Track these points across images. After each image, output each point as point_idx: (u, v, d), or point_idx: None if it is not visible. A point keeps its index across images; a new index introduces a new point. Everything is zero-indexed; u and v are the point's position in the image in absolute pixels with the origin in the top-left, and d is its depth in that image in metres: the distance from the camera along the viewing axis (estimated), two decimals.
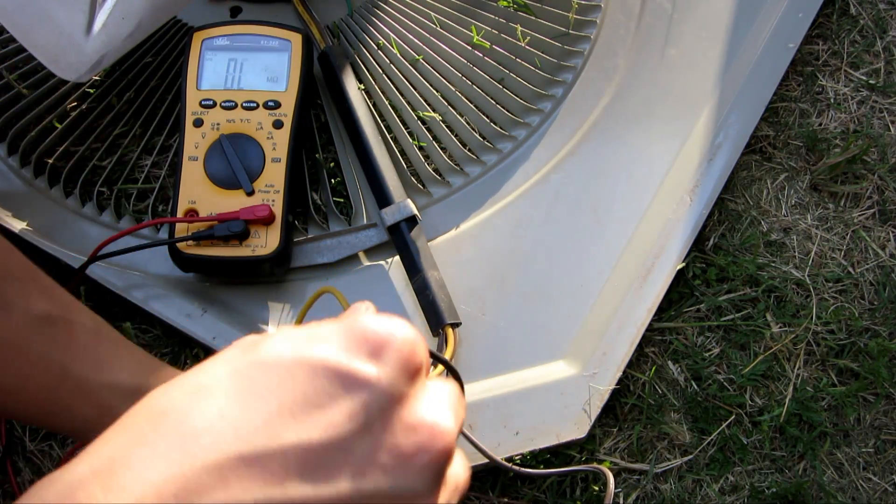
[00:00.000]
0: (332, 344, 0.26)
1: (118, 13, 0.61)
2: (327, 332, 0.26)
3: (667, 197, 0.70)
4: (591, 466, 0.61)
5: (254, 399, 0.24)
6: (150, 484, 0.22)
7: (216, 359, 0.26)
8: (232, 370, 0.25)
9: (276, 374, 0.25)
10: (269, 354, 0.25)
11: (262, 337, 0.27)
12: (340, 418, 0.24)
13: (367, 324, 0.26)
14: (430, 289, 0.63)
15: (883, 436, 0.66)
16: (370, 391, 0.25)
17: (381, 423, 0.25)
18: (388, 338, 0.26)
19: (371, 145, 0.68)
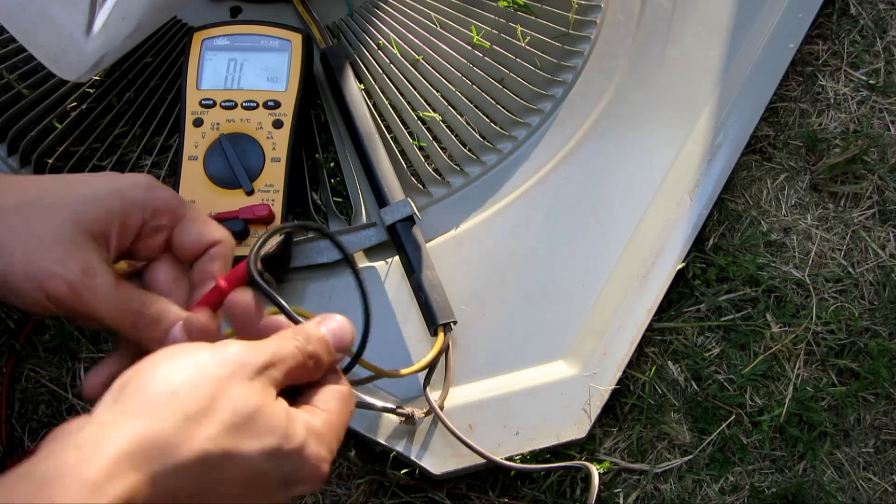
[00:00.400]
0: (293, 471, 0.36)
1: (118, 13, 0.61)
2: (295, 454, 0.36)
3: (667, 197, 0.70)
4: (576, 463, 0.61)
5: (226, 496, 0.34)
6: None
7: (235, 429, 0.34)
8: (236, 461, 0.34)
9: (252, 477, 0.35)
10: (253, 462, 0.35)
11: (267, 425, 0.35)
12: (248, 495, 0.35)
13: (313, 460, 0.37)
14: (423, 289, 0.63)
15: (883, 436, 0.66)
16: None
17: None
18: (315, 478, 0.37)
19: (371, 145, 0.68)
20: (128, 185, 0.42)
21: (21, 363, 0.65)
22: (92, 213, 0.40)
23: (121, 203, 0.41)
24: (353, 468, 0.63)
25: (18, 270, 0.39)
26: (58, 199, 0.41)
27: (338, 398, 0.39)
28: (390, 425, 0.62)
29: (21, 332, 0.65)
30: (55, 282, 0.39)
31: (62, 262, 0.39)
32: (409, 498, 0.62)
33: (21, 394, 0.64)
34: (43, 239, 0.39)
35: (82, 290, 0.39)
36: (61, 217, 0.40)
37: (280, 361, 0.37)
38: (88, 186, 0.41)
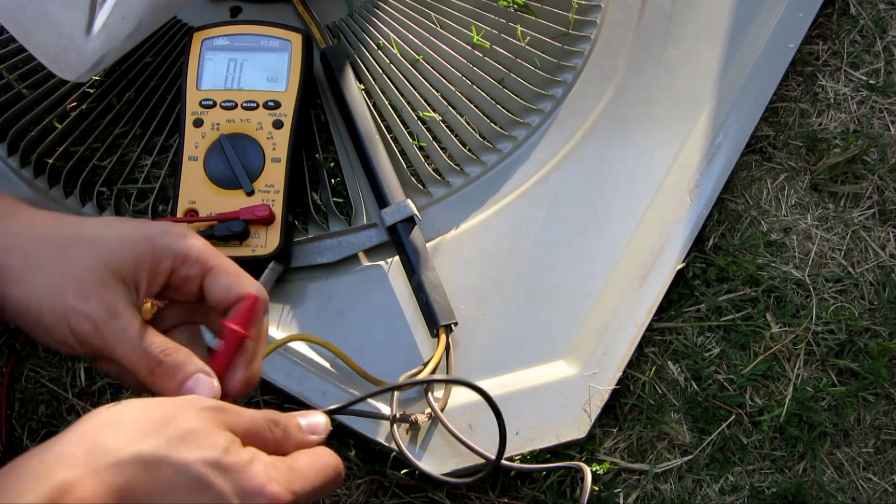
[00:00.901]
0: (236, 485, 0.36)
1: (118, 13, 0.61)
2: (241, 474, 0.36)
3: (667, 197, 0.70)
4: (570, 463, 0.61)
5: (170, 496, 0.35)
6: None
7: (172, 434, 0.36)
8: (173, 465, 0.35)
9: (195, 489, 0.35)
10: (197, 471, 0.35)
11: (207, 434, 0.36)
12: None
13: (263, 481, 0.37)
14: (424, 290, 0.63)
15: (883, 436, 0.66)
16: None
17: None
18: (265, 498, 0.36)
19: (371, 145, 0.68)
20: (160, 231, 0.43)
21: (21, 363, 0.65)
22: (122, 255, 0.42)
23: (151, 248, 0.42)
24: (353, 468, 0.63)
25: (46, 305, 0.40)
26: (91, 239, 0.42)
27: (310, 456, 0.41)
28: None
29: (21, 332, 0.65)
30: (79, 318, 0.40)
31: (88, 300, 0.40)
32: (409, 498, 0.62)
33: (21, 394, 0.64)
34: (73, 276, 0.41)
35: (104, 329, 0.40)
36: (92, 257, 0.41)
37: (236, 412, 0.39)
38: (122, 230, 0.43)
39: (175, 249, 0.42)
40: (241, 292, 0.43)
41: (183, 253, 0.43)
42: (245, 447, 0.38)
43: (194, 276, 0.43)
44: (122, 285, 0.41)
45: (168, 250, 0.42)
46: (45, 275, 0.41)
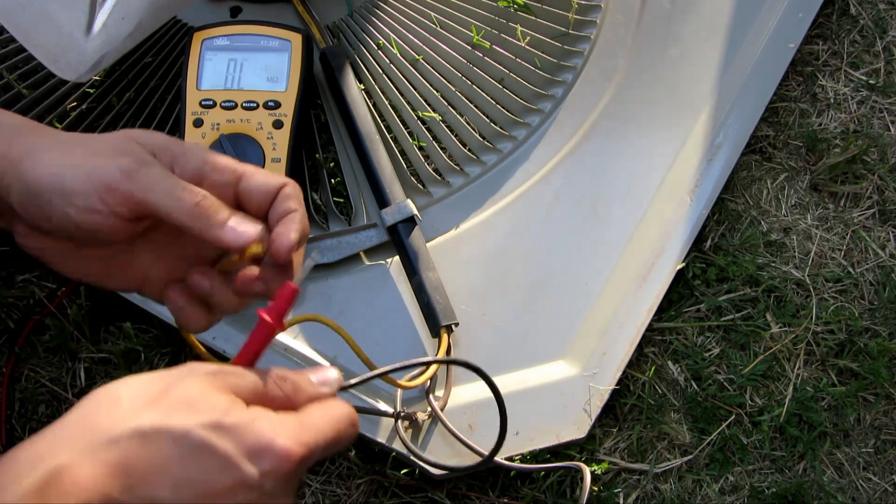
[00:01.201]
0: (240, 444, 0.35)
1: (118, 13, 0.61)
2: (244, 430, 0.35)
3: (667, 197, 0.70)
4: (569, 463, 0.61)
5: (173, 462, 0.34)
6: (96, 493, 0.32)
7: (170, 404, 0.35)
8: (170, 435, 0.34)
9: (192, 450, 0.34)
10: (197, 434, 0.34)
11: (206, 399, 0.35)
12: (222, 499, 0.34)
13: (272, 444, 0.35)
14: (425, 291, 0.63)
15: (883, 436, 0.66)
16: (249, 489, 0.35)
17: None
18: (280, 455, 0.35)
19: (371, 145, 0.68)
20: (190, 144, 0.42)
21: (21, 363, 0.65)
22: (148, 137, 0.41)
23: (180, 145, 0.42)
24: (353, 468, 0.63)
25: (70, 171, 0.39)
26: (120, 132, 0.42)
27: (321, 409, 0.39)
28: (390, 425, 0.62)
29: (21, 332, 0.65)
30: (110, 171, 0.39)
31: (118, 157, 0.40)
32: (409, 498, 0.62)
33: (21, 394, 0.64)
34: (98, 146, 0.40)
35: (138, 174, 0.39)
36: (119, 136, 0.41)
37: (239, 374, 0.38)
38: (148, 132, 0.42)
39: (204, 154, 0.42)
40: (279, 182, 0.42)
41: (210, 162, 0.42)
42: (250, 407, 0.37)
43: (228, 182, 0.42)
44: (148, 151, 0.41)
45: (196, 151, 0.42)
46: (69, 148, 0.40)
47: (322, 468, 0.63)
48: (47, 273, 0.67)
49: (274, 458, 0.35)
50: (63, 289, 0.65)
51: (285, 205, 0.43)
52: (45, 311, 0.65)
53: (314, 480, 0.63)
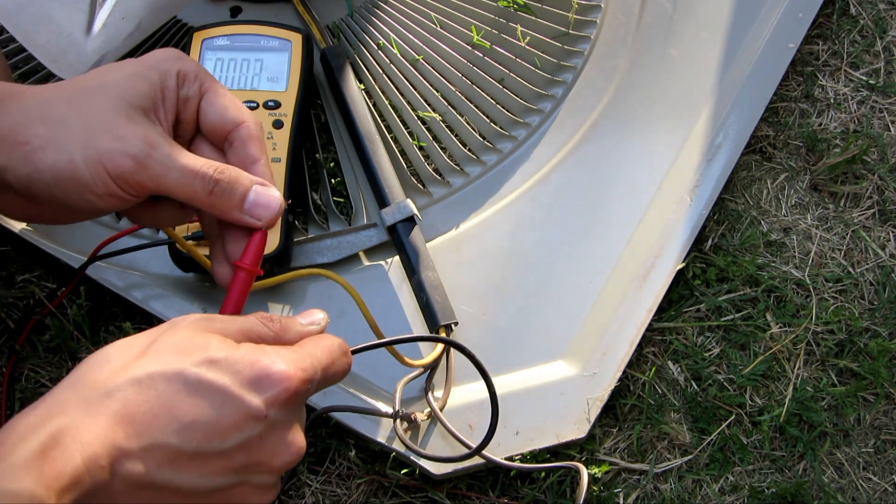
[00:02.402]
0: (239, 377, 0.35)
1: (118, 13, 0.61)
2: (241, 363, 0.35)
3: (667, 197, 0.70)
4: (567, 464, 0.61)
5: (174, 406, 0.34)
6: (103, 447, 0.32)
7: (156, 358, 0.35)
8: (164, 377, 0.34)
9: (193, 391, 0.34)
10: (193, 374, 0.34)
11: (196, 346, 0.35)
12: (228, 435, 0.34)
13: (271, 373, 0.35)
14: (424, 290, 0.63)
15: (883, 436, 0.66)
16: (254, 421, 0.35)
17: (258, 442, 0.35)
18: (280, 379, 0.35)
19: (371, 145, 0.68)
20: (160, 58, 0.42)
21: (21, 363, 0.65)
22: (137, 88, 0.40)
23: (158, 74, 0.41)
24: (353, 468, 0.63)
25: (79, 160, 0.38)
26: (100, 86, 0.40)
27: (310, 340, 0.39)
28: (390, 425, 0.62)
29: (21, 332, 0.65)
30: (119, 159, 0.38)
31: (122, 139, 0.38)
32: (409, 498, 0.62)
33: (21, 394, 0.64)
34: (97, 123, 0.39)
35: (148, 161, 0.38)
36: (110, 99, 0.39)
37: (225, 320, 0.38)
38: (126, 68, 0.41)
39: (176, 68, 0.41)
40: (236, 118, 0.42)
41: (183, 71, 0.41)
42: (241, 344, 0.37)
43: (193, 95, 0.42)
44: (147, 118, 0.40)
45: (170, 71, 0.41)
46: (70, 131, 0.38)
47: (322, 468, 0.63)
48: (47, 273, 0.67)
49: (274, 385, 0.35)
50: (63, 289, 0.65)
51: (245, 151, 0.42)
52: (45, 311, 0.65)
53: (314, 480, 0.63)
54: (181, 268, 0.64)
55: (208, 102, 0.42)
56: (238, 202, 0.40)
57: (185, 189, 0.39)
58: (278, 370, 0.35)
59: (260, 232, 0.42)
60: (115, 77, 0.40)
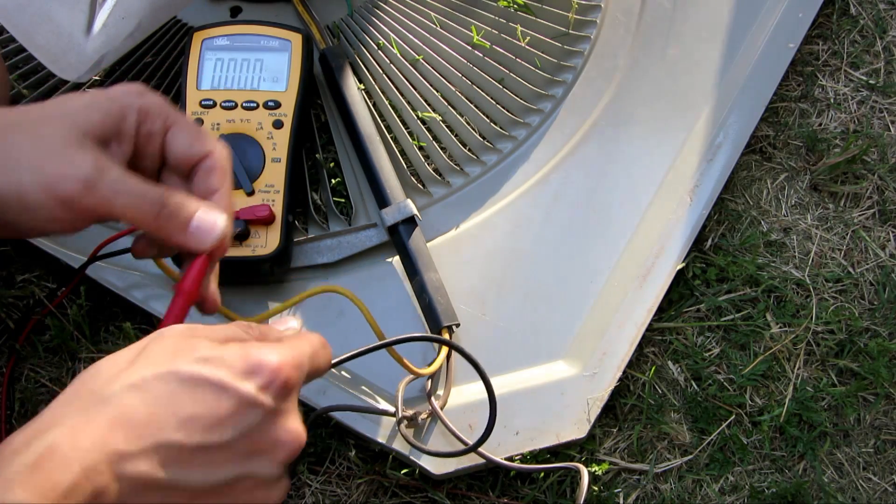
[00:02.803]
0: (231, 370, 0.35)
1: (118, 13, 0.61)
2: (231, 357, 0.36)
3: (667, 197, 0.70)
4: (567, 464, 0.61)
5: (171, 404, 0.34)
6: (102, 452, 0.32)
7: (148, 359, 0.35)
8: (157, 377, 0.34)
9: (188, 387, 0.34)
10: (186, 371, 0.35)
11: (185, 347, 0.36)
12: (229, 426, 0.35)
13: (260, 356, 0.36)
14: (426, 291, 0.63)
15: (883, 436, 0.66)
16: (252, 409, 0.35)
17: (257, 431, 0.36)
18: (272, 368, 0.36)
19: (371, 145, 0.68)
20: (122, 91, 0.43)
21: (21, 363, 0.65)
22: (92, 117, 0.41)
23: (118, 107, 0.42)
24: (353, 468, 0.63)
25: (28, 184, 0.39)
26: (58, 111, 0.41)
27: (290, 338, 0.40)
28: (390, 425, 0.62)
29: (21, 332, 0.65)
30: (68, 183, 0.39)
31: (72, 164, 0.39)
32: (409, 498, 0.62)
33: (21, 394, 0.64)
34: (49, 148, 0.40)
35: (97, 185, 0.39)
36: (64, 126, 0.40)
37: (208, 328, 0.39)
38: (86, 97, 0.42)
39: (139, 104, 0.42)
40: (201, 151, 0.43)
41: (145, 108, 0.42)
42: (227, 344, 0.37)
43: (157, 131, 0.43)
44: (99, 146, 0.41)
45: (132, 106, 0.42)
46: (21, 156, 0.39)
47: (322, 468, 0.63)
48: (47, 273, 0.67)
49: (267, 373, 0.36)
50: (63, 289, 0.65)
51: (207, 182, 0.43)
52: (45, 311, 0.65)
53: (314, 480, 0.63)
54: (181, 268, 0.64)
55: (173, 136, 0.43)
56: (183, 226, 0.41)
57: (133, 212, 0.40)
58: (269, 359, 0.36)
59: (202, 257, 0.43)
60: (72, 106, 0.41)
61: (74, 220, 0.40)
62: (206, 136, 0.44)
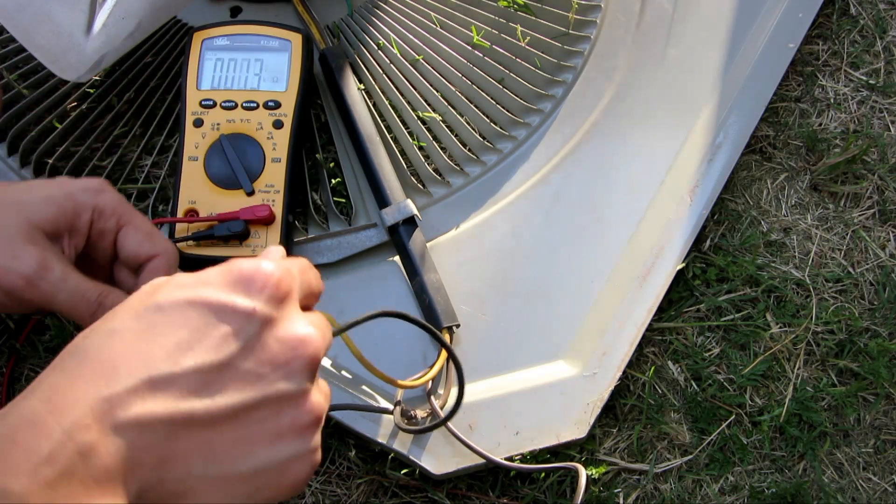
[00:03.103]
0: (214, 286, 0.32)
1: (118, 13, 0.61)
2: (211, 276, 0.33)
3: (667, 197, 0.70)
4: (566, 464, 0.61)
5: (155, 336, 0.31)
6: (85, 405, 0.29)
7: (123, 306, 0.33)
8: (135, 315, 0.32)
9: (170, 314, 0.31)
10: (165, 299, 0.32)
11: (159, 284, 0.33)
12: (224, 344, 0.31)
13: (242, 267, 0.33)
14: (427, 292, 0.63)
15: (883, 436, 0.66)
16: (245, 320, 0.32)
17: (258, 343, 0.32)
18: (258, 275, 0.33)
19: (371, 145, 0.68)
20: (79, 187, 0.44)
21: (21, 363, 0.65)
22: (46, 212, 0.43)
23: (73, 204, 0.44)
24: (354, 468, 0.63)
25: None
26: (16, 202, 0.43)
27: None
28: (390, 425, 0.62)
29: (21, 332, 0.65)
30: (12, 277, 0.41)
31: (19, 258, 0.41)
32: (409, 498, 0.62)
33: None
34: (2, 236, 0.42)
35: (39, 283, 0.41)
36: (18, 217, 0.42)
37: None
38: (45, 190, 0.44)
39: (93, 203, 0.44)
40: (150, 252, 0.45)
41: (100, 207, 0.44)
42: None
43: (109, 230, 0.45)
44: (48, 241, 0.42)
45: (86, 205, 0.44)
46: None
47: (322, 468, 0.63)
48: None
49: (254, 280, 0.33)
50: None
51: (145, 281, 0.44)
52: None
53: (314, 480, 0.63)
54: (181, 268, 0.64)
55: (124, 236, 0.45)
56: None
57: (71, 310, 0.42)
58: (253, 267, 0.33)
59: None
60: (30, 198, 0.43)
61: (20, 307, 0.42)
62: (155, 238, 0.46)
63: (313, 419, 0.33)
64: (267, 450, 0.32)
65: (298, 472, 0.33)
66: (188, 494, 0.31)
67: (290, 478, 0.33)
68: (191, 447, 0.30)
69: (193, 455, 0.30)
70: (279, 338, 0.33)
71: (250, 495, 0.32)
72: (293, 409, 0.33)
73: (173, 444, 0.30)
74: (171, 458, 0.30)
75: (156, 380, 0.30)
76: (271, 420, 0.32)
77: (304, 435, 0.33)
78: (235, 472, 0.31)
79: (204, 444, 0.31)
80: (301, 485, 0.33)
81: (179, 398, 0.30)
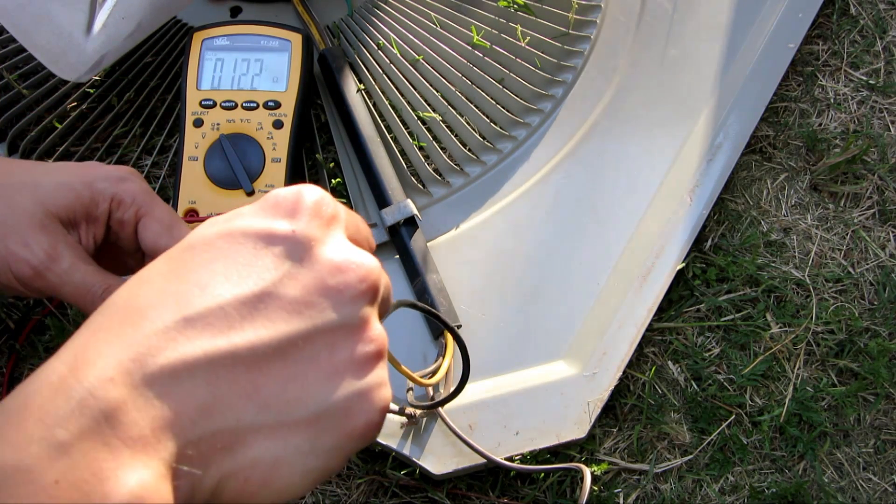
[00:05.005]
0: (249, 215, 0.29)
1: (118, 13, 0.61)
2: (245, 210, 0.30)
3: (667, 197, 0.70)
4: (570, 465, 0.61)
5: (188, 273, 0.28)
6: (111, 358, 0.25)
7: (155, 259, 0.30)
8: (167, 258, 0.29)
9: (203, 250, 0.28)
10: (196, 238, 0.29)
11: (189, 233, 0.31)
12: (266, 270, 0.28)
13: (278, 193, 0.30)
14: (428, 293, 0.63)
15: (883, 436, 0.66)
16: (288, 242, 0.28)
17: (305, 267, 0.28)
18: (297, 197, 0.30)
19: (371, 146, 0.68)
20: (100, 175, 0.43)
21: (21, 363, 0.65)
22: (62, 198, 0.42)
23: (90, 192, 0.43)
24: (353, 468, 0.63)
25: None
26: (32, 184, 0.42)
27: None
28: (391, 425, 0.62)
29: (21, 332, 0.65)
30: (21, 265, 0.41)
31: (29, 246, 0.41)
32: (409, 498, 0.62)
33: None
34: (13, 222, 0.41)
35: (46, 274, 0.41)
36: (33, 201, 0.42)
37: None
38: (63, 174, 0.43)
39: (112, 192, 0.43)
40: (168, 244, 0.43)
41: (119, 196, 0.43)
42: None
43: (129, 220, 0.43)
44: (62, 229, 0.42)
45: (105, 193, 0.43)
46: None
47: None
48: None
49: (288, 201, 0.29)
50: None
51: None
52: (45, 311, 0.65)
53: None
54: None
55: (143, 227, 0.44)
56: None
57: (77, 301, 0.42)
58: (291, 191, 0.30)
59: None
60: (47, 181, 0.42)
61: (30, 293, 0.42)
62: (175, 229, 0.44)
63: (374, 351, 0.29)
64: (324, 389, 0.28)
65: (366, 412, 0.29)
66: (239, 447, 0.27)
67: (356, 421, 0.29)
68: (236, 391, 0.26)
69: (240, 400, 0.27)
70: (328, 261, 0.29)
71: (313, 444, 0.28)
72: (350, 341, 0.29)
73: (215, 390, 0.26)
74: (213, 406, 0.26)
75: (190, 317, 0.26)
76: (325, 355, 0.28)
77: (364, 369, 0.29)
78: (291, 418, 0.27)
79: (251, 386, 0.27)
80: (373, 429, 0.29)
81: (218, 334, 0.26)
